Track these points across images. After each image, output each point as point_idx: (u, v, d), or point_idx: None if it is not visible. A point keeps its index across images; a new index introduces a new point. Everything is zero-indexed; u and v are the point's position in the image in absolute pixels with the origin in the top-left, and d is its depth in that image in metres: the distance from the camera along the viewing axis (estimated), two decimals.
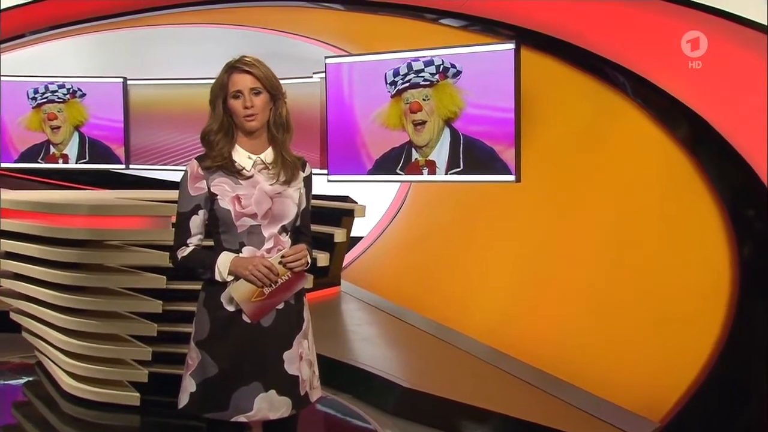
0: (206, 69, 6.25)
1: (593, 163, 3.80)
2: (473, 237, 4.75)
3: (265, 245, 2.09)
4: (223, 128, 2.13)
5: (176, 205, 2.13)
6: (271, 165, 2.14)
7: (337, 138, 4.86)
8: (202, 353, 2.09)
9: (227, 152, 2.12)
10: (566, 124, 4.02)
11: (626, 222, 3.51)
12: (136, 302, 3.52)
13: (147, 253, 3.46)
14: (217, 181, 2.09)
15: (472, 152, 4.31)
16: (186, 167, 2.14)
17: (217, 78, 2.12)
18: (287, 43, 6.34)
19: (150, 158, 6.39)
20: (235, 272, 2.06)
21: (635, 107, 3.47)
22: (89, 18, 6.13)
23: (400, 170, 4.61)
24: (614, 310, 3.46)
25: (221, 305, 2.08)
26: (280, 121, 2.15)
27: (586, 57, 3.72)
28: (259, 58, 2.15)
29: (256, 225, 2.08)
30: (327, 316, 5.08)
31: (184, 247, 2.11)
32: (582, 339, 3.58)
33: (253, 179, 2.11)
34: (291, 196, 2.14)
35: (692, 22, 3.10)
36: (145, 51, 7.03)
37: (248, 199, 2.08)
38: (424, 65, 4.42)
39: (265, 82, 2.09)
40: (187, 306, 3.28)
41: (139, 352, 3.55)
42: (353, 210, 4.72)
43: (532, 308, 4.02)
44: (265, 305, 2.06)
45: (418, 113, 4.48)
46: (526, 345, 3.90)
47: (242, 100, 2.08)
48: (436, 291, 4.90)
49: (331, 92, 4.87)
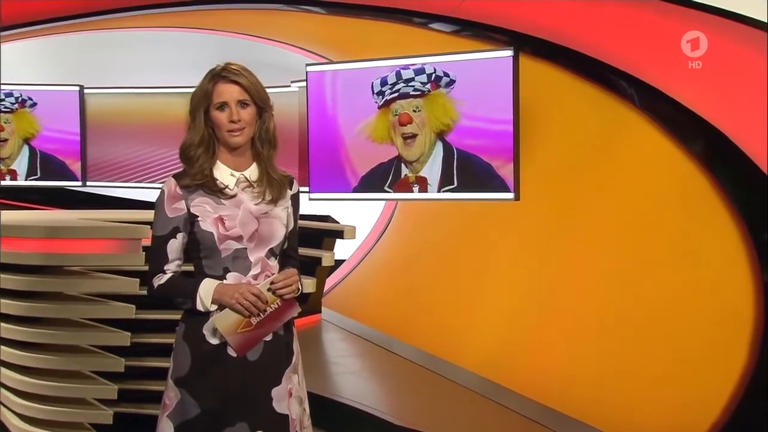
0: (172, 77, 6.30)
1: (599, 180, 3.83)
2: (468, 259, 4.76)
3: (252, 270, 2.10)
4: (204, 142, 2.12)
5: (148, 226, 2.12)
6: (256, 183, 2.15)
7: (320, 153, 4.86)
8: (182, 392, 2.07)
9: (208, 169, 2.12)
10: (569, 137, 4.05)
11: (637, 244, 3.53)
12: (101, 334, 3.47)
13: (113, 279, 3.42)
14: (198, 201, 2.09)
15: (467, 168, 4.33)
16: (162, 186, 2.13)
17: (198, 86, 2.12)
18: (263, 49, 6.36)
19: (110, 174, 6.35)
20: (219, 301, 2.05)
21: (643, 118, 3.50)
22: (41, 20, 6.09)
23: (389, 188, 4.62)
24: (626, 340, 3.47)
25: (203, 338, 2.07)
26: (266, 136, 2.17)
27: (589, 64, 3.75)
28: (245, 66, 2.15)
29: (241, 248, 2.08)
30: (307, 348, 5.00)
31: (161, 274, 2.11)
32: (590, 371, 3.59)
33: (237, 198, 2.12)
34: (278, 216, 2.15)
35: (694, 23, 3.17)
36: (104, 57, 7.00)
37: (232, 221, 2.08)
38: (415, 74, 4.43)
39: (253, 94, 2.10)
40: (160, 338, 3.24)
41: (104, 390, 3.48)
42: (342, 231, 4.70)
43: (534, 337, 4.02)
44: (253, 337, 2.06)
45: (407, 126, 4.49)
46: (528, 377, 3.90)
47: (227, 113, 2.09)
48: (427, 318, 4.90)
49: (312, 103, 4.87)
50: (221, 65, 2.11)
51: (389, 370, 4.66)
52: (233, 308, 2.03)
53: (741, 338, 2.95)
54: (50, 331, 3.51)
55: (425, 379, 4.39)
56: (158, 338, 3.60)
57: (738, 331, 2.97)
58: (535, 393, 3.79)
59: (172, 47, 6.59)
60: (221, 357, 2.05)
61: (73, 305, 3.51)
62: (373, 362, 4.86)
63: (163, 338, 3.50)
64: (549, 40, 4.00)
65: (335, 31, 5.57)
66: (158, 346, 3.52)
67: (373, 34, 5.15)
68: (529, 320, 4.10)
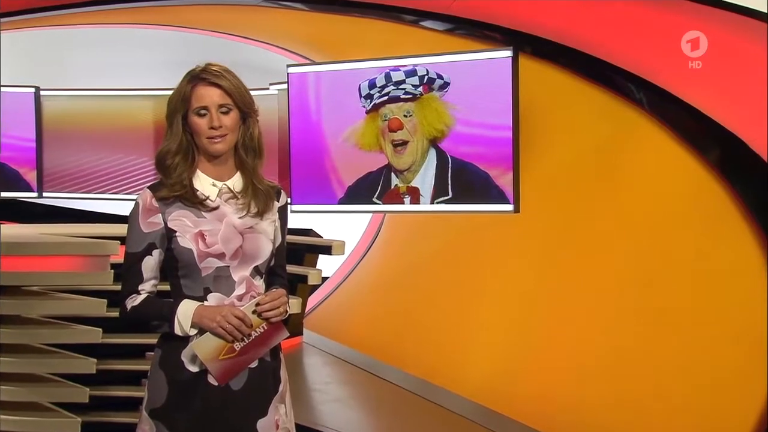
0: (141, 78, 6.27)
1: (606, 191, 3.84)
2: (463, 276, 4.76)
3: (236, 291, 2.08)
4: (182, 149, 2.11)
5: (116, 242, 2.10)
6: (240, 194, 2.13)
7: (302, 161, 4.85)
8: (158, 425, 2.06)
9: (187, 179, 2.10)
10: (573, 144, 4.07)
11: (648, 260, 3.54)
12: (64, 361, 3.43)
13: (77, 300, 3.40)
14: (176, 215, 2.08)
15: (463, 177, 4.33)
16: (137, 198, 2.12)
17: (177, 88, 2.11)
18: (239, 49, 6.34)
19: (69, 185, 6.28)
20: (199, 324, 2.03)
21: (655, 124, 3.53)
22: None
23: (378, 199, 4.62)
24: (637, 364, 3.48)
25: (182, 365, 2.05)
26: (251, 144, 2.15)
27: (595, 65, 3.77)
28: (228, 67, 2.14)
29: (223, 267, 2.07)
30: (289, 374, 5.00)
31: (135, 295, 2.09)
32: (599, 398, 3.59)
33: (219, 211, 2.10)
34: (264, 231, 2.14)
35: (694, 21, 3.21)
36: (64, 55, 6.93)
37: (214, 236, 2.06)
38: (406, 75, 4.44)
39: (236, 98, 2.09)
40: (130, 365, 3.21)
41: (67, 423, 3.42)
42: (330, 246, 4.69)
43: (537, 361, 4.02)
44: (236, 364, 2.04)
45: (398, 132, 4.49)
46: (530, 405, 3.90)
47: (208, 119, 2.07)
48: (419, 341, 4.89)
49: (294, 107, 4.86)
50: (201, 66, 2.10)
51: (378, 398, 4.65)
52: (215, 332, 2.01)
53: (763, 359, 2.95)
54: (7, 358, 3.46)
55: (417, 407, 4.37)
56: (128, 365, 3.57)
57: (760, 350, 2.97)
58: (539, 422, 3.78)
59: (141, 46, 6.55)
60: (201, 386, 2.03)
61: (32, 329, 3.48)
62: (360, 389, 4.84)
63: (133, 365, 3.48)
64: (550, 39, 4.03)
65: (319, 30, 5.57)
66: (128, 374, 3.50)
67: (360, 32, 5.17)
68: (531, 342, 4.10)
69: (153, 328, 2.07)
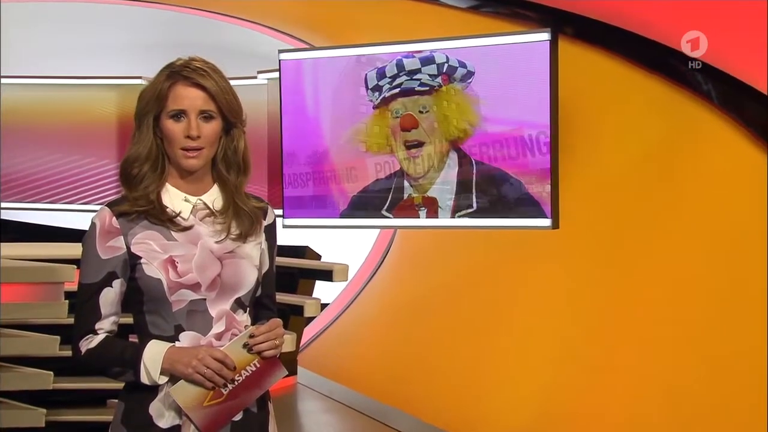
0: (109, 63, 6.26)
1: (666, 202, 3.83)
2: (488, 307, 4.75)
3: (214, 329, 2.05)
4: (152, 157, 2.08)
5: (73, 266, 2.07)
6: (219, 212, 2.09)
7: (296, 165, 4.86)
8: None
9: (154, 193, 2.07)
10: (625, 146, 4.06)
11: (719, 283, 3.53)
12: (8, 413, 3.39)
13: (25, 337, 3.37)
14: (141, 237, 2.05)
15: (490, 187, 4.34)
16: (93, 218, 2.08)
17: (151, 83, 2.09)
18: (222, 30, 6.37)
19: (26, 193, 6.32)
20: (170, 371, 2.00)
21: (727, 121, 3.52)
22: None
23: (387, 212, 4.63)
24: (703, 412, 3.45)
25: (150, 421, 2.02)
26: (234, 159, 2.14)
27: (651, 49, 3.78)
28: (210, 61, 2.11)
29: (199, 300, 2.04)
30: (280, 421, 5.01)
31: (91, 335, 2.05)
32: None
33: (193, 232, 2.08)
34: (248, 255, 2.11)
35: None
36: (22, 36, 6.91)
37: (187, 263, 2.03)
38: (422, 63, 4.44)
39: (222, 104, 2.07)
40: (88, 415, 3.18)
41: None
42: (331, 271, 4.65)
43: (577, 408, 4.01)
44: (225, 410, 2.02)
45: (412, 131, 4.50)
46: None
47: (184, 125, 2.04)
48: (436, 383, 4.88)
49: (287, 100, 4.89)
50: (183, 59, 2.07)
51: None
52: (191, 379, 1.99)
53: None
54: None
55: None
56: (85, 415, 3.53)
57: None
58: None
59: (110, 25, 6.56)
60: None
61: None
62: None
63: (92, 415, 3.44)
64: (596, 19, 4.01)
65: (317, 8, 5.58)
66: (84, 427, 3.45)
67: (366, 11, 5.20)
68: (571, 386, 4.08)
69: (114, 375, 2.04)
